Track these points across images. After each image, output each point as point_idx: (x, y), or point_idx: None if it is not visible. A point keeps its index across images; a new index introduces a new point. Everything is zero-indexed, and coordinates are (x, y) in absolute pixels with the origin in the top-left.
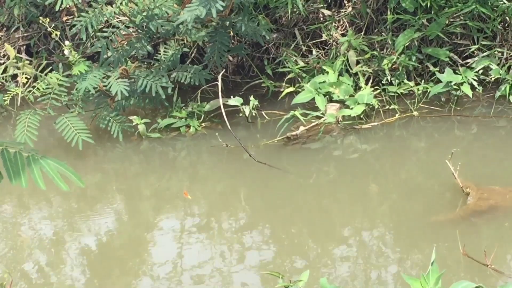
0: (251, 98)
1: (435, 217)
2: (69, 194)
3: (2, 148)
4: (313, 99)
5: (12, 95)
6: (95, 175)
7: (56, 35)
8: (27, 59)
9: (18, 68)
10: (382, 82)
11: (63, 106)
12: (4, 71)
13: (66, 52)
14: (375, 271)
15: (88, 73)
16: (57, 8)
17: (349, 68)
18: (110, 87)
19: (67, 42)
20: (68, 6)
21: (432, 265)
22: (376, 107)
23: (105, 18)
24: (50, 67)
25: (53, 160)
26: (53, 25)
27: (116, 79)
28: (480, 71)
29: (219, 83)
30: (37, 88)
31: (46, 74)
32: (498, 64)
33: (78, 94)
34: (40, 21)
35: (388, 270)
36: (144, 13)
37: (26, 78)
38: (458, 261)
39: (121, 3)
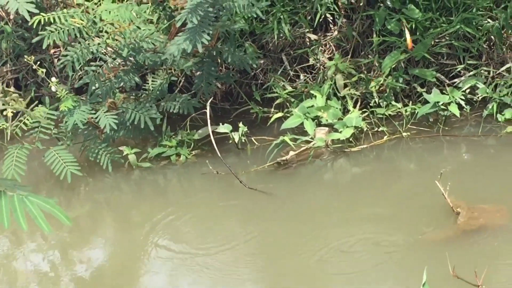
0: (240, 124)
1: (426, 237)
2: (62, 225)
3: None
4: (302, 123)
5: (1, 128)
6: (87, 205)
7: (42, 72)
8: (15, 93)
9: (8, 103)
10: (370, 104)
11: (53, 139)
12: None
13: (53, 88)
14: None
15: (75, 108)
16: (44, 46)
17: (336, 92)
18: (98, 121)
19: (53, 79)
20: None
21: (423, 287)
22: (364, 129)
23: (92, 51)
24: (38, 100)
25: (39, 198)
26: (41, 57)
27: (104, 112)
28: (467, 91)
29: (208, 111)
30: (24, 122)
31: (33, 108)
32: (484, 83)
33: (67, 129)
34: (26, 60)
35: None
36: (131, 46)
37: (12, 112)
38: (448, 282)
39: (107, 38)
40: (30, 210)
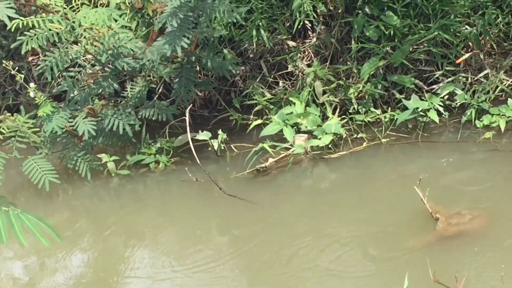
0: (220, 131)
1: (406, 243)
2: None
3: None
4: (281, 130)
5: None
6: (66, 213)
7: (20, 78)
8: None
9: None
10: (349, 111)
11: (31, 147)
12: None
13: (31, 94)
14: None
15: (54, 114)
16: (22, 52)
17: (315, 98)
18: (77, 127)
19: (32, 84)
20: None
21: None
22: (344, 136)
23: (71, 57)
24: (16, 108)
25: (32, 215)
26: (19, 65)
27: (82, 118)
28: (446, 97)
29: (187, 118)
30: (0, 131)
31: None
32: (463, 89)
33: (45, 135)
34: (4, 65)
35: None
36: (110, 52)
37: None
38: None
39: (86, 43)
40: (27, 226)
